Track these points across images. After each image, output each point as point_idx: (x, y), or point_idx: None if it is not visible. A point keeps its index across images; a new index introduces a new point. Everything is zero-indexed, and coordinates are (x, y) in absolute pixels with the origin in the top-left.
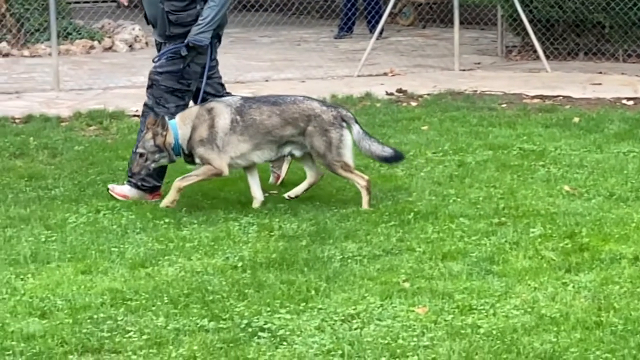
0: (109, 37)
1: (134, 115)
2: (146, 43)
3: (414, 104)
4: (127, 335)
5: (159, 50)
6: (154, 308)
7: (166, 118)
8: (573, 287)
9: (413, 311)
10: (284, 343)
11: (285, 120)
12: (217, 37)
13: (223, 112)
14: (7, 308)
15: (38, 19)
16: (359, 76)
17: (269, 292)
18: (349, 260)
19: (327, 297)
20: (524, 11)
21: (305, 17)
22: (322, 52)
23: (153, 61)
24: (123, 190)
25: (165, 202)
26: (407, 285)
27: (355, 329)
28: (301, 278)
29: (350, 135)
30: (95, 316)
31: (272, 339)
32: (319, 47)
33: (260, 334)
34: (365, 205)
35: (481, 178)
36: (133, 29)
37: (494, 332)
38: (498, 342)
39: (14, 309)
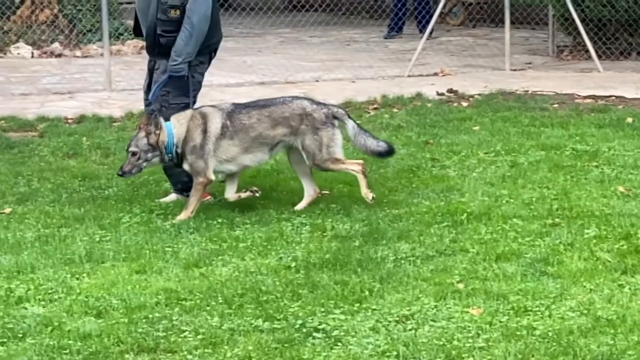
0: None
1: None
2: None
3: (464, 104)
4: (182, 335)
5: (150, 70)
6: (208, 308)
7: (160, 117)
8: (629, 289)
9: (468, 312)
10: (339, 344)
11: (275, 120)
12: (213, 51)
13: (215, 117)
14: (64, 307)
15: (90, 19)
16: (409, 76)
17: (322, 293)
18: (402, 261)
19: (381, 298)
20: (576, 10)
21: (354, 17)
22: (372, 52)
23: (147, 99)
24: (171, 198)
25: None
26: (461, 286)
27: (410, 330)
28: (355, 279)
29: (341, 134)
30: (150, 316)
31: (327, 339)
32: (368, 47)
33: (314, 334)
34: (363, 189)
35: (534, 179)
36: None
37: (550, 333)
38: (554, 344)
39: (70, 308)
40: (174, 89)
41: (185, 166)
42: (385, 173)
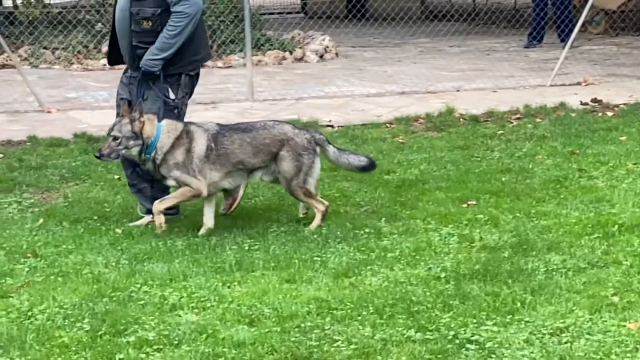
0: (300, 47)
1: (328, 125)
2: (336, 54)
3: (610, 113)
4: (335, 345)
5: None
6: (359, 318)
7: (144, 105)
8: None
9: (624, 326)
10: (493, 356)
11: (256, 147)
12: (196, 75)
13: (201, 138)
14: (217, 315)
15: (232, 30)
16: (551, 86)
17: (474, 304)
18: (554, 273)
19: (534, 310)
20: None
21: (492, 27)
22: (512, 62)
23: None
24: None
25: (157, 228)
26: (616, 299)
27: (565, 343)
28: (506, 290)
29: (319, 164)
30: (302, 325)
31: (480, 351)
32: (509, 56)
33: (467, 345)
34: (313, 225)
35: None
36: (323, 40)
37: None
38: None
39: (223, 316)
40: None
41: (171, 182)
42: (532, 184)
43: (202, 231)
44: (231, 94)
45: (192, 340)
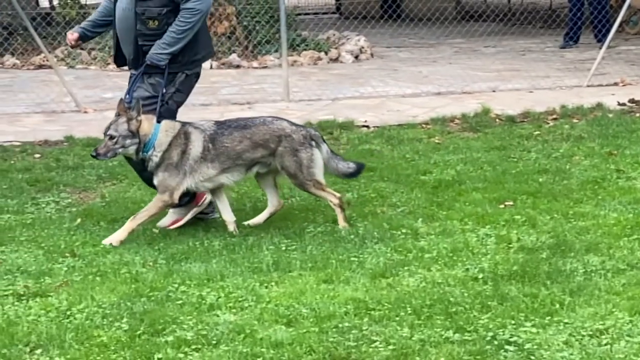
0: (335, 48)
1: (363, 126)
2: (371, 54)
3: None
4: (373, 345)
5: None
6: (397, 318)
7: (141, 103)
8: None
9: None
10: (532, 357)
11: (255, 142)
12: (196, 75)
13: (197, 139)
14: (254, 315)
15: (268, 31)
16: (588, 86)
17: (512, 305)
18: (593, 274)
19: (573, 312)
20: None
21: (528, 27)
22: (548, 62)
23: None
24: (170, 218)
25: (112, 239)
26: None
27: (605, 344)
28: (544, 291)
29: (320, 155)
30: (340, 325)
31: (519, 352)
32: (545, 56)
33: (506, 347)
34: (341, 222)
35: None
36: (358, 40)
37: None
38: None
39: (261, 316)
40: (145, 103)
41: (155, 181)
42: (569, 184)
43: (230, 227)
44: (267, 94)
45: (230, 340)
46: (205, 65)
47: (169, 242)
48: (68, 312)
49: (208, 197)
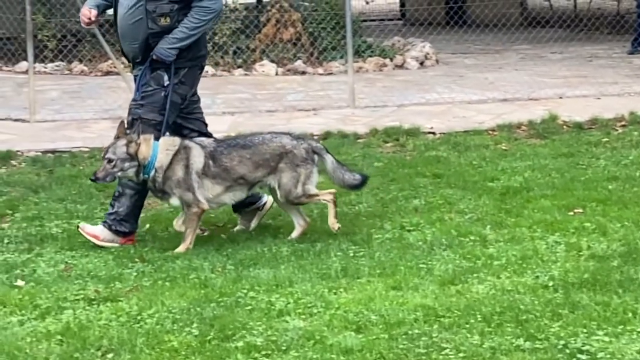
0: (400, 54)
1: (429, 132)
2: (436, 60)
3: None
4: (443, 352)
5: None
6: (467, 326)
7: (141, 126)
8: None
9: None
10: None
11: (256, 163)
12: (200, 68)
13: (197, 155)
14: (324, 321)
15: (334, 37)
16: None
17: (583, 313)
18: None
19: None
20: None
21: (596, 33)
22: (616, 68)
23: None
24: (95, 230)
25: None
26: None
27: None
28: (616, 300)
29: (317, 172)
30: (409, 332)
31: None
32: (612, 62)
33: (578, 355)
34: (331, 219)
35: None
36: (423, 47)
37: None
38: None
39: (330, 322)
40: (148, 103)
41: (175, 201)
42: (639, 192)
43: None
44: (332, 100)
45: (300, 346)
46: (271, 71)
47: (237, 247)
48: (138, 317)
49: (270, 200)
